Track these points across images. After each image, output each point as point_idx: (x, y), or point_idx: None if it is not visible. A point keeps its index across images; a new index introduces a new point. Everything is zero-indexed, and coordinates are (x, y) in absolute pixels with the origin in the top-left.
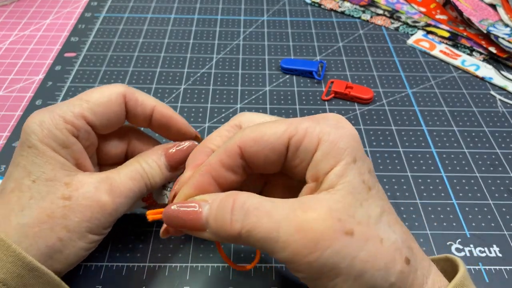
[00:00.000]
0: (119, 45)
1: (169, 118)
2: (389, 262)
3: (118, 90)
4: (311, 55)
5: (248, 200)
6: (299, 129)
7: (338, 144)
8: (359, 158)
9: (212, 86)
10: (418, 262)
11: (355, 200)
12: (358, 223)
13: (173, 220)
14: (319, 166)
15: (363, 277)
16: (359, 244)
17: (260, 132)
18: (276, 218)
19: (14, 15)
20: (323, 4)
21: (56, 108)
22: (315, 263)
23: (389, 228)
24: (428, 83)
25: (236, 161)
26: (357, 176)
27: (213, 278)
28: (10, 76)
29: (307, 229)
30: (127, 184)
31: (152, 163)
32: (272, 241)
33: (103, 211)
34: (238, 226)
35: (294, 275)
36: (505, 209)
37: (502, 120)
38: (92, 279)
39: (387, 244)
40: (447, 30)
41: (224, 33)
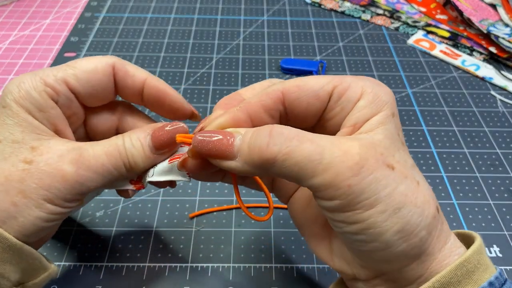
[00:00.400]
0: (119, 45)
1: (162, 91)
2: (425, 203)
3: (107, 60)
4: (311, 55)
5: (287, 129)
6: (344, 81)
7: (380, 96)
8: (396, 115)
9: (212, 86)
10: (443, 217)
11: (393, 145)
12: (396, 162)
13: (202, 145)
14: (362, 112)
15: (402, 211)
16: (400, 178)
17: (303, 81)
18: (320, 143)
19: (14, 15)
20: (323, 4)
21: (40, 71)
22: (356, 187)
23: (422, 177)
24: (428, 83)
25: (276, 105)
26: (395, 128)
27: (213, 278)
28: (10, 76)
29: (353, 153)
30: (100, 158)
31: (136, 142)
32: (313, 164)
33: (63, 181)
34: (276, 149)
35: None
36: (505, 209)
37: (502, 120)
38: (92, 279)
39: (423, 187)
40: (447, 30)
41: (224, 33)
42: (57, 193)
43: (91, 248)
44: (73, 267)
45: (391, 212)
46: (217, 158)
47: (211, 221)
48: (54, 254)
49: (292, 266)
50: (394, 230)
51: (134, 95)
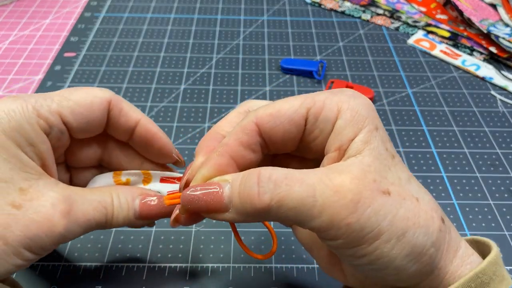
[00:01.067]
0: (119, 45)
1: (153, 135)
2: (428, 219)
3: (104, 95)
4: (311, 55)
5: (274, 172)
6: (317, 100)
7: (359, 111)
8: (379, 127)
9: (212, 86)
10: (451, 225)
11: (383, 165)
12: (391, 184)
13: (192, 203)
14: (343, 133)
15: (406, 236)
16: (398, 202)
17: (275, 108)
18: (309, 182)
19: (14, 14)
20: (323, 4)
21: (32, 99)
22: (356, 224)
23: (419, 189)
24: (429, 83)
25: (254, 138)
26: (381, 144)
27: (213, 278)
28: (10, 76)
29: (345, 190)
30: (87, 214)
31: (124, 204)
32: (307, 207)
33: (51, 233)
34: (267, 197)
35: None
36: (506, 209)
37: (503, 120)
38: (91, 279)
39: (424, 203)
40: (447, 30)
41: (224, 33)
42: (39, 242)
43: (91, 248)
44: (73, 267)
45: (396, 239)
46: (210, 212)
47: (211, 221)
48: (53, 255)
49: (292, 266)
50: (402, 256)
51: (123, 134)
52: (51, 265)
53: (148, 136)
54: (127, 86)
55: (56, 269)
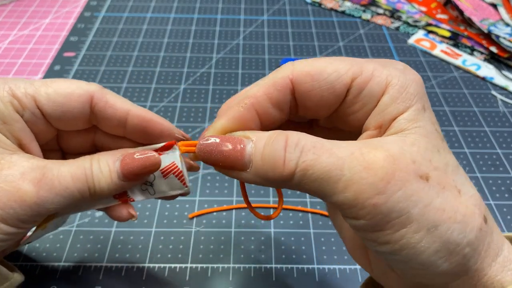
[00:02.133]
0: (119, 44)
1: (148, 120)
2: (468, 216)
3: (86, 87)
4: (311, 55)
5: (303, 138)
6: (365, 70)
7: (408, 88)
8: (428, 108)
9: (212, 86)
10: (494, 226)
11: (431, 145)
12: (435, 168)
13: (209, 156)
14: (387, 111)
15: (439, 229)
16: (435, 190)
17: (317, 67)
18: (339, 155)
19: (13, 14)
20: (323, 4)
21: (13, 81)
22: (383, 207)
23: (466, 180)
24: (429, 83)
25: (285, 97)
26: (430, 124)
27: (213, 278)
28: (10, 75)
29: (377, 167)
30: (64, 181)
31: (104, 167)
32: (332, 180)
33: (21, 201)
34: (293, 164)
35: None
36: (506, 209)
37: (503, 120)
38: (92, 279)
39: (466, 197)
40: (448, 29)
41: (224, 33)
42: (12, 213)
43: (90, 248)
44: (72, 267)
45: (426, 231)
46: (226, 168)
47: (211, 221)
48: (53, 255)
49: (292, 267)
50: (432, 250)
51: (115, 127)
52: (51, 265)
53: (144, 123)
54: (126, 86)
55: (56, 269)
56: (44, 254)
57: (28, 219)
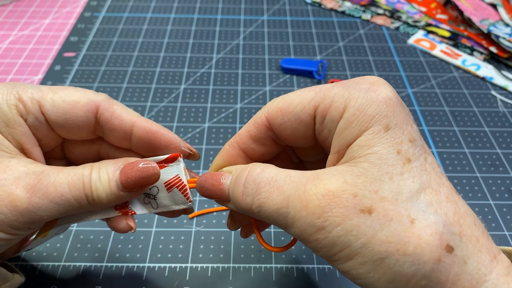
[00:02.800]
0: (119, 44)
1: (154, 132)
2: (421, 247)
3: (92, 97)
4: (311, 55)
5: (262, 173)
6: (326, 96)
7: (365, 110)
8: (395, 126)
9: (212, 86)
10: (470, 253)
11: (381, 173)
12: (381, 199)
13: (202, 190)
14: (342, 136)
15: (385, 261)
16: (379, 223)
17: (286, 102)
18: (286, 193)
19: (14, 14)
20: (323, 4)
21: (22, 85)
22: (324, 242)
23: (428, 207)
24: (429, 83)
25: (263, 133)
26: (388, 147)
27: (213, 278)
28: (10, 76)
29: (314, 206)
30: (60, 188)
31: (103, 175)
32: (282, 217)
33: (12, 207)
34: (249, 200)
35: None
36: (506, 209)
37: (503, 120)
38: (91, 279)
39: (420, 226)
40: (447, 29)
41: (224, 33)
42: (3, 219)
43: (91, 248)
44: (73, 267)
45: (372, 263)
46: (217, 200)
47: (211, 221)
48: (53, 255)
49: (292, 266)
50: (384, 281)
51: (121, 138)
52: (51, 265)
53: (149, 136)
54: (127, 86)
55: (56, 269)
56: (45, 254)
57: (20, 225)
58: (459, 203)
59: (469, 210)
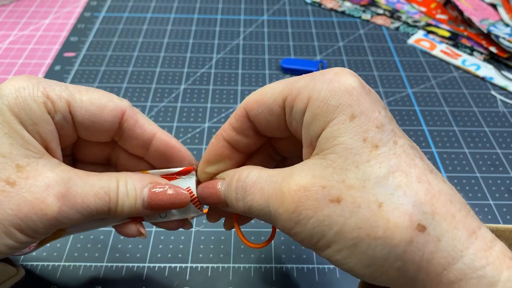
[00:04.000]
0: (119, 44)
1: (172, 148)
2: (390, 229)
3: (119, 102)
4: (311, 55)
5: (248, 176)
6: (294, 88)
7: (328, 101)
8: (360, 114)
9: (212, 86)
10: (444, 231)
11: (348, 163)
12: (348, 188)
13: (203, 199)
14: (310, 129)
15: (358, 246)
16: (348, 211)
17: (261, 94)
18: (267, 193)
19: (14, 14)
20: (323, 4)
21: (47, 81)
22: (302, 234)
23: (396, 190)
24: (429, 83)
25: (244, 124)
26: (354, 135)
27: (213, 278)
28: (10, 76)
29: (288, 202)
30: (87, 199)
31: (131, 190)
32: (267, 215)
33: (42, 215)
34: (241, 204)
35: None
36: (506, 209)
37: (503, 120)
38: (92, 279)
39: (388, 209)
40: (447, 29)
41: (224, 33)
42: (31, 224)
43: (91, 248)
44: (73, 267)
45: (347, 249)
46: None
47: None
48: (53, 254)
49: (292, 266)
50: (361, 265)
51: (139, 147)
52: (51, 265)
53: (168, 149)
54: (127, 86)
55: (56, 269)
56: (45, 254)
57: (44, 231)
58: (432, 182)
59: (445, 187)
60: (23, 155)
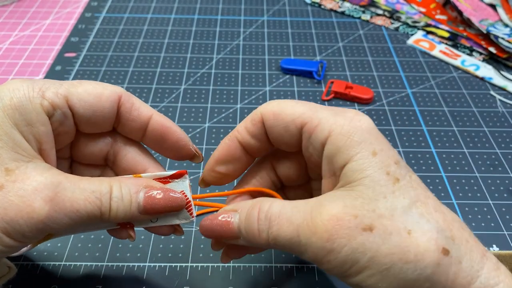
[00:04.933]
0: (119, 45)
1: (168, 128)
2: (420, 254)
3: (114, 89)
4: (311, 55)
5: (271, 208)
6: (314, 117)
7: (352, 137)
8: (380, 150)
9: (212, 86)
10: (463, 253)
11: (376, 194)
12: (379, 217)
13: (209, 233)
14: (334, 160)
15: (391, 270)
16: (381, 238)
17: (280, 108)
18: (295, 223)
19: (14, 15)
20: (323, 4)
21: (41, 81)
22: (335, 262)
23: (421, 218)
24: (428, 83)
25: (259, 129)
26: (378, 169)
27: (213, 278)
28: (10, 76)
29: (322, 231)
30: (77, 203)
31: (126, 195)
32: (295, 245)
33: (29, 218)
34: (265, 235)
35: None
36: (505, 209)
37: (502, 120)
38: (92, 278)
39: (417, 235)
40: (447, 30)
41: (224, 33)
42: (18, 228)
43: (91, 248)
44: (73, 266)
45: (380, 273)
46: (225, 239)
47: None
48: (54, 254)
49: (292, 266)
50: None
51: (136, 130)
52: (51, 264)
53: (163, 130)
54: (127, 86)
55: (57, 268)
56: (45, 254)
57: (31, 235)
58: (445, 211)
59: (455, 216)
60: (12, 158)
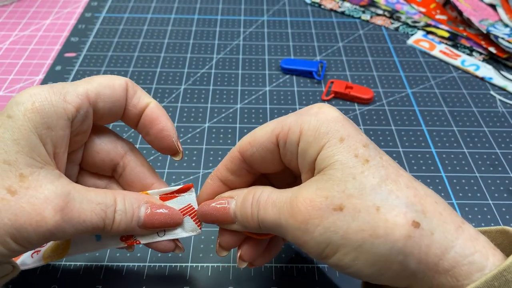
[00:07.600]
0: (119, 45)
1: (156, 116)
2: (389, 228)
3: (121, 78)
4: (311, 55)
5: (262, 194)
6: (284, 125)
7: (319, 129)
8: (347, 136)
9: (212, 86)
10: (435, 225)
11: (345, 175)
12: (348, 196)
13: (207, 217)
14: (307, 155)
15: (364, 247)
16: (350, 216)
17: (253, 136)
18: (278, 206)
19: (14, 15)
20: (323, 4)
21: (58, 85)
22: (311, 242)
23: (389, 194)
24: (428, 83)
25: (238, 165)
26: (346, 153)
27: (213, 278)
28: (10, 76)
29: (296, 212)
30: (83, 215)
31: (129, 209)
32: (278, 227)
33: (37, 226)
34: (255, 218)
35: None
36: (505, 209)
37: (502, 120)
38: (92, 278)
39: (385, 210)
40: (447, 30)
41: (224, 33)
42: (25, 235)
43: None
44: (73, 266)
45: (354, 251)
46: (220, 224)
47: None
48: None
49: (292, 266)
50: (368, 265)
51: (133, 117)
52: (51, 264)
53: (153, 116)
54: None
55: (57, 269)
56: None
57: (37, 242)
58: (418, 187)
59: (429, 191)
60: (27, 164)
